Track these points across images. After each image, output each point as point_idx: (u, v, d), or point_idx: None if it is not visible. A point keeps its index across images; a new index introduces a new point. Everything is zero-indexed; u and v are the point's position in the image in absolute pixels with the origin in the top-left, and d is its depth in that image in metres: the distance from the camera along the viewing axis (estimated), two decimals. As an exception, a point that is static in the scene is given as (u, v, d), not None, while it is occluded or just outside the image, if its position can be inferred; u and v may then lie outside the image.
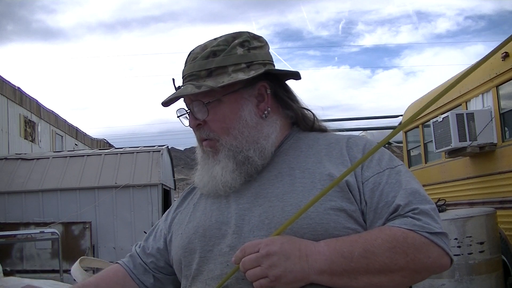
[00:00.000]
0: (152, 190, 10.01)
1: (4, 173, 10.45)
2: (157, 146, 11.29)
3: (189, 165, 73.32)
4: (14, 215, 9.84)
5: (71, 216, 9.67)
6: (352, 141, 1.31)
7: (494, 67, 5.68)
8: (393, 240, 1.12)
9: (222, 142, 1.28)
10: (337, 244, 1.13)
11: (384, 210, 1.18)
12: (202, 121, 1.29)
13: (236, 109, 1.29)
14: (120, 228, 9.89)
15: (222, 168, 1.28)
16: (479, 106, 6.10)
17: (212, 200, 1.33)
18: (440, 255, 1.15)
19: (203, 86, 1.25)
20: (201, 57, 1.28)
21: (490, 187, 5.86)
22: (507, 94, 5.73)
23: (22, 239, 8.89)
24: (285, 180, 1.25)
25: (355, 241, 1.13)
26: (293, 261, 1.10)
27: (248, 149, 1.28)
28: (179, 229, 1.37)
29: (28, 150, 14.06)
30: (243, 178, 1.28)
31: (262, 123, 1.32)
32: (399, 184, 1.20)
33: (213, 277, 1.21)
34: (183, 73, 1.31)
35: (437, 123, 6.47)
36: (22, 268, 9.03)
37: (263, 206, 1.22)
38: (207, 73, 1.27)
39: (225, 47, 1.29)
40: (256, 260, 1.10)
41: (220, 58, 1.28)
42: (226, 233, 1.23)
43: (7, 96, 13.50)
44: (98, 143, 22.25)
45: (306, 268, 1.10)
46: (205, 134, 1.30)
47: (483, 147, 5.85)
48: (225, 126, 1.28)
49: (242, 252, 1.13)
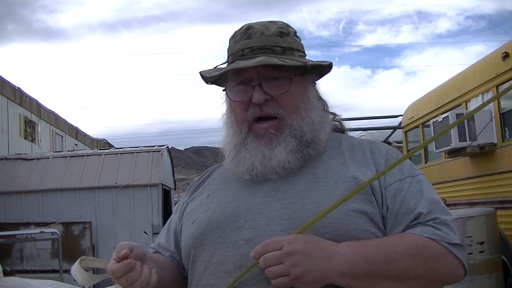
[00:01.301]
0: (152, 190, 10.00)
1: (4, 173, 10.44)
2: (157, 146, 11.27)
3: (189, 165, 73.36)
4: (14, 215, 9.82)
5: (71, 216, 9.66)
6: (375, 146, 1.33)
7: (494, 67, 5.68)
8: (414, 248, 1.13)
9: (289, 121, 1.26)
10: (359, 248, 1.12)
11: (405, 217, 1.19)
12: (269, 97, 1.25)
13: (303, 91, 1.30)
14: (120, 228, 9.88)
15: (284, 148, 1.24)
16: (479, 106, 6.09)
17: (227, 192, 1.32)
18: (457, 267, 1.16)
19: (292, 61, 1.24)
20: (273, 34, 1.27)
21: (490, 187, 5.85)
22: (507, 94, 5.72)
23: (22, 239, 8.88)
24: (307, 178, 1.24)
25: (377, 245, 1.13)
26: (316, 261, 1.09)
27: (314, 131, 1.28)
28: (189, 219, 1.35)
29: (28, 150, 14.06)
30: (302, 161, 1.26)
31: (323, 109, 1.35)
32: (420, 193, 1.22)
33: (226, 271, 1.19)
34: (249, 45, 1.27)
35: (437, 123, 6.46)
36: (22, 268, 9.02)
37: (282, 201, 1.21)
38: (282, 50, 1.27)
39: (288, 32, 1.30)
40: (279, 258, 1.08)
41: (290, 40, 1.29)
42: (242, 226, 1.21)
43: (7, 96, 13.50)
44: (98, 143, 22.24)
45: (328, 269, 1.09)
46: (272, 111, 1.25)
47: (483, 147, 5.85)
48: (295, 105, 1.27)
49: (263, 248, 1.10)
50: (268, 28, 1.29)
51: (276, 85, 1.25)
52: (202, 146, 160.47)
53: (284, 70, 1.25)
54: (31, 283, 3.48)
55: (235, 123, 1.31)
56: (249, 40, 1.27)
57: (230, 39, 1.34)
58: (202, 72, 1.35)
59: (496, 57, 5.67)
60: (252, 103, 1.26)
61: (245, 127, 1.28)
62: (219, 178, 1.41)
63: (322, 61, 1.33)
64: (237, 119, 1.30)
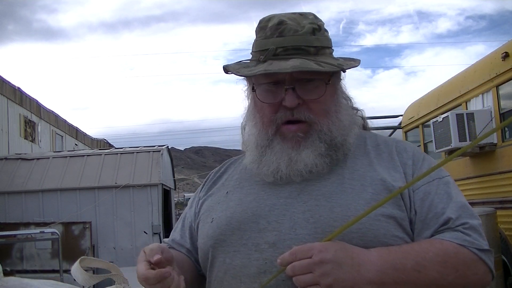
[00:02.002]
0: (152, 190, 10.00)
1: (4, 173, 10.44)
2: (157, 146, 11.28)
3: (189, 165, 73.37)
4: (14, 215, 9.83)
5: (71, 216, 9.66)
6: (401, 146, 1.29)
7: (494, 67, 5.68)
8: (444, 255, 1.10)
9: (318, 126, 1.21)
10: (389, 255, 1.10)
11: (433, 221, 1.16)
12: (301, 101, 1.20)
13: (334, 93, 1.25)
14: (120, 228, 9.89)
15: (312, 152, 1.20)
16: (479, 106, 6.09)
17: (248, 191, 1.27)
18: (485, 273, 1.14)
19: (329, 65, 1.18)
20: (306, 32, 1.21)
21: (490, 187, 5.85)
22: (507, 94, 5.72)
23: (22, 239, 8.88)
24: (333, 179, 1.21)
25: (407, 252, 1.11)
26: (345, 270, 1.05)
27: (344, 134, 1.23)
28: (208, 217, 1.29)
29: (28, 150, 14.06)
30: (330, 165, 1.21)
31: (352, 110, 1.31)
32: (448, 196, 1.19)
33: (249, 274, 1.15)
34: (282, 43, 1.20)
35: (437, 123, 6.46)
36: (22, 268, 9.02)
37: (307, 203, 1.17)
38: (315, 51, 1.21)
39: (319, 27, 1.24)
40: (308, 267, 1.05)
41: (322, 38, 1.23)
42: (264, 228, 1.17)
43: (7, 96, 13.50)
44: (98, 143, 22.24)
45: (357, 278, 1.06)
46: (303, 116, 1.20)
47: (483, 147, 5.85)
48: (326, 109, 1.22)
49: (292, 256, 1.07)
50: (300, 24, 1.22)
51: (310, 89, 1.20)
52: (202, 146, 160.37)
53: (319, 73, 1.19)
54: (31, 283, 3.48)
55: (260, 123, 1.25)
56: (282, 38, 1.20)
57: (258, 31, 1.26)
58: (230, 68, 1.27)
59: (496, 57, 5.67)
60: (283, 105, 1.20)
61: (272, 128, 1.23)
62: (238, 174, 1.35)
63: (353, 61, 1.27)
64: (264, 119, 1.25)
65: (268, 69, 1.17)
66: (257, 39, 1.26)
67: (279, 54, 1.19)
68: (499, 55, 5.58)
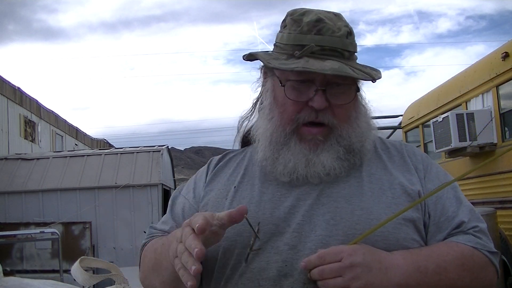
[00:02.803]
0: (152, 190, 9.99)
1: (4, 173, 10.43)
2: (157, 146, 11.27)
3: (189, 165, 73.29)
4: (14, 215, 9.82)
5: (71, 216, 9.66)
6: (409, 150, 1.31)
7: (494, 67, 5.68)
8: (462, 257, 1.13)
9: (338, 131, 1.19)
10: (412, 258, 1.11)
11: (446, 224, 1.19)
12: (328, 104, 1.17)
13: (356, 99, 1.24)
14: (120, 228, 9.88)
15: (331, 155, 1.18)
16: (479, 106, 6.09)
17: (261, 189, 1.22)
18: (494, 274, 1.18)
19: (363, 74, 1.17)
20: (343, 35, 1.18)
21: (490, 187, 5.85)
22: (507, 94, 5.72)
23: (22, 239, 8.87)
24: (351, 182, 1.20)
25: (429, 256, 1.12)
26: (375, 274, 1.05)
27: (363, 140, 1.22)
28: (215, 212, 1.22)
29: (28, 150, 14.05)
30: (348, 169, 1.20)
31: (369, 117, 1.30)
32: (457, 200, 1.22)
33: (268, 278, 1.12)
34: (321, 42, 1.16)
35: (437, 123, 6.46)
36: (22, 268, 9.02)
37: (327, 205, 1.16)
38: (349, 55, 1.19)
39: (351, 31, 1.22)
40: (339, 270, 1.04)
41: (354, 43, 1.22)
42: (284, 231, 1.14)
43: (7, 96, 13.49)
44: (98, 143, 22.23)
45: (385, 281, 1.06)
46: (326, 120, 1.18)
47: (483, 147, 5.85)
48: (348, 115, 1.21)
49: (320, 259, 1.05)
50: (336, 25, 1.19)
51: (339, 94, 1.18)
52: (202, 146, 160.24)
53: (350, 79, 1.18)
54: (31, 283, 3.48)
55: (279, 119, 1.21)
56: (320, 36, 1.16)
57: (292, 23, 1.21)
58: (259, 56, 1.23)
59: (496, 57, 5.67)
60: (309, 106, 1.17)
61: (291, 127, 1.20)
62: (243, 170, 1.30)
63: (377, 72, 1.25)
64: (284, 116, 1.20)
65: (306, 66, 1.13)
66: (290, 32, 1.20)
67: (316, 53, 1.16)
68: (499, 55, 5.58)
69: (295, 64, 1.15)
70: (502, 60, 5.49)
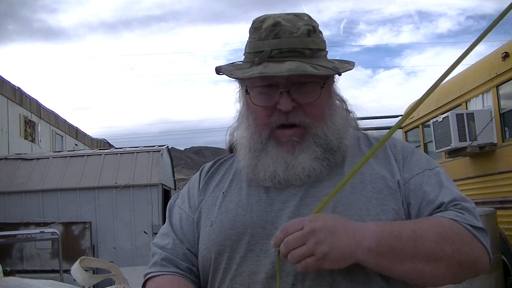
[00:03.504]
0: (152, 190, 9.99)
1: (4, 173, 10.43)
2: (157, 146, 11.27)
3: (189, 165, 73.39)
4: (14, 215, 9.82)
5: (71, 216, 9.66)
6: (391, 142, 1.29)
7: (494, 67, 5.68)
8: (439, 226, 1.09)
9: (313, 130, 1.19)
10: (385, 224, 1.09)
11: (426, 208, 1.17)
12: (296, 104, 1.18)
13: (328, 96, 1.24)
14: (120, 228, 9.88)
15: (309, 156, 1.18)
16: (479, 106, 6.09)
17: (248, 192, 1.24)
18: (482, 253, 1.12)
19: (324, 69, 1.17)
20: (302, 34, 1.18)
21: (490, 187, 5.85)
22: (507, 94, 5.72)
23: (22, 239, 8.87)
24: (334, 181, 1.20)
25: (404, 223, 1.12)
26: (339, 237, 1.03)
27: (340, 137, 1.22)
28: (207, 220, 1.25)
29: (28, 150, 14.05)
30: (329, 168, 1.20)
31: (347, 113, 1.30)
32: (439, 184, 1.20)
33: (257, 281, 1.13)
34: (278, 46, 1.17)
35: (437, 123, 6.46)
36: (22, 268, 9.02)
37: (311, 206, 1.16)
38: (311, 53, 1.19)
39: (314, 29, 1.22)
40: (301, 238, 1.02)
41: (317, 40, 1.22)
42: (272, 233, 1.13)
43: (7, 96, 13.50)
44: (98, 143, 22.24)
45: (353, 245, 1.04)
46: (297, 120, 1.18)
47: (483, 147, 5.85)
48: (321, 113, 1.21)
49: (283, 232, 1.04)
50: (295, 25, 1.19)
51: (305, 93, 1.18)
52: (202, 146, 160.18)
53: (314, 76, 1.17)
54: (31, 283, 3.48)
55: (254, 127, 1.23)
56: (277, 40, 1.17)
57: (253, 32, 1.23)
58: (222, 69, 1.26)
59: (496, 57, 5.67)
60: (277, 109, 1.18)
61: (266, 132, 1.21)
62: (232, 175, 1.31)
63: (348, 63, 1.26)
64: (257, 122, 1.22)
65: (263, 72, 1.15)
66: (250, 40, 1.23)
67: (274, 56, 1.17)
68: (499, 55, 5.58)
69: (253, 71, 1.17)
70: (502, 60, 5.49)
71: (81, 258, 1.36)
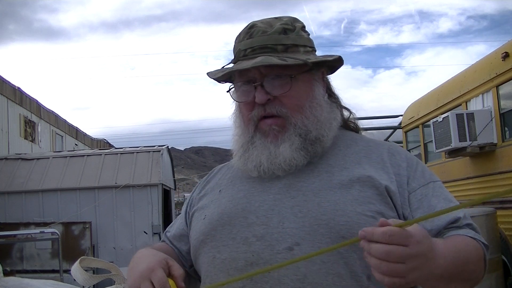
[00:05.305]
0: (152, 190, 10.00)
1: (4, 173, 10.43)
2: (157, 146, 11.27)
3: (189, 165, 73.64)
4: (14, 215, 9.82)
5: (71, 216, 9.66)
6: (393, 149, 1.32)
7: (494, 67, 5.68)
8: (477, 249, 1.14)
9: (292, 120, 1.25)
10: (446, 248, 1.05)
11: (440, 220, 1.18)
12: (272, 97, 1.24)
13: (309, 89, 1.29)
14: (120, 228, 9.88)
15: (289, 146, 1.23)
16: (479, 106, 6.09)
17: (239, 187, 1.31)
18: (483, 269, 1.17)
19: (292, 59, 1.23)
20: (275, 32, 1.26)
21: (490, 187, 5.85)
22: (507, 94, 5.72)
23: (22, 239, 8.87)
24: (322, 176, 1.23)
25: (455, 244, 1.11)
26: (429, 266, 0.99)
27: (320, 129, 1.26)
28: (201, 215, 1.33)
29: (28, 150, 14.05)
30: (308, 158, 1.25)
31: (331, 106, 1.34)
32: (445, 198, 1.23)
33: (236, 268, 1.17)
34: (250, 44, 1.27)
35: (437, 123, 6.46)
36: (22, 268, 9.02)
37: (296, 199, 1.20)
38: (284, 48, 1.26)
39: (293, 28, 1.29)
40: (404, 258, 0.94)
41: (294, 36, 1.28)
42: (253, 223, 1.19)
43: (7, 96, 13.49)
44: (98, 143, 22.24)
45: (431, 274, 1.00)
46: (275, 110, 1.24)
47: (483, 147, 5.85)
48: (299, 104, 1.26)
49: (384, 236, 0.93)
50: (271, 25, 1.27)
51: (278, 85, 1.24)
52: (202, 146, 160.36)
53: (287, 69, 1.23)
54: (31, 283, 3.49)
55: (242, 123, 1.32)
56: (251, 39, 1.27)
57: (236, 38, 1.33)
58: (209, 73, 1.36)
59: (496, 57, 5.67)
60: (256, 103, 1.26)
61: (252, 126, 1.29)
62: (230, 174, 1.39)
63: (326, 56, 1.31)
64: (244, 118, 1.31)
65: (233, 68, 1.26)
66: (234, 45, 1.34)
67: (248, 55, 1.26)
68: (499, 55, 5.58)
69: (223, 71, 1.30)
70: (502, 60, 5.49)
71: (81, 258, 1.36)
